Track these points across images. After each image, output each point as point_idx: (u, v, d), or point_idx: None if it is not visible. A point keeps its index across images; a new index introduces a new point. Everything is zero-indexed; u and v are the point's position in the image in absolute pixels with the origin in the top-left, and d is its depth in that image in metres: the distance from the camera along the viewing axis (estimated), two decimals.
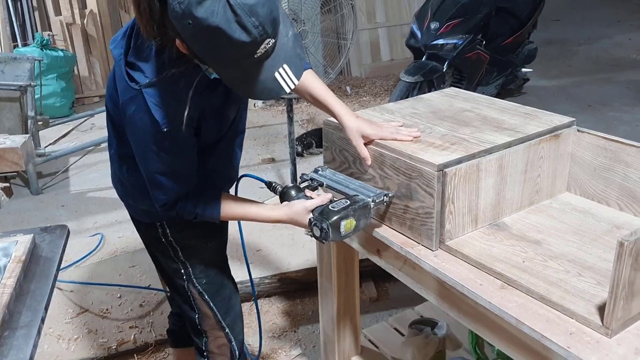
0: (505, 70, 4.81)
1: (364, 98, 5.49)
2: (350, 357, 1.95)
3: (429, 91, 3.87)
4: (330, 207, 1.38)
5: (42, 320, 1.22)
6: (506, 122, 1.56)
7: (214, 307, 1.69)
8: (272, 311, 2.63)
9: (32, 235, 1.51)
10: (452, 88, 1.94)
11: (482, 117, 1.61)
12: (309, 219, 1.41)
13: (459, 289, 1.26)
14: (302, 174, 1.62)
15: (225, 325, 1.72)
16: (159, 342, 2.42)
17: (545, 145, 1.49)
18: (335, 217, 1.35)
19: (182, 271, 1.65)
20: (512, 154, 1.43)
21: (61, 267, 1.50)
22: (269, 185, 1.59)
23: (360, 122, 1.50)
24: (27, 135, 1.78)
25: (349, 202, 1.39)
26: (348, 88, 5.67)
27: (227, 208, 1.48)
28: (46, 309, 1.26)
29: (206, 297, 1.68)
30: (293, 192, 1.50)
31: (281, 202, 1.52)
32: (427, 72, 4.07)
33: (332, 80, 3.61)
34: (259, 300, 2.66)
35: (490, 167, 1.39)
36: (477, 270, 1.29)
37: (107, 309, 2.59)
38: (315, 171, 1.61)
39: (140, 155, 1.41)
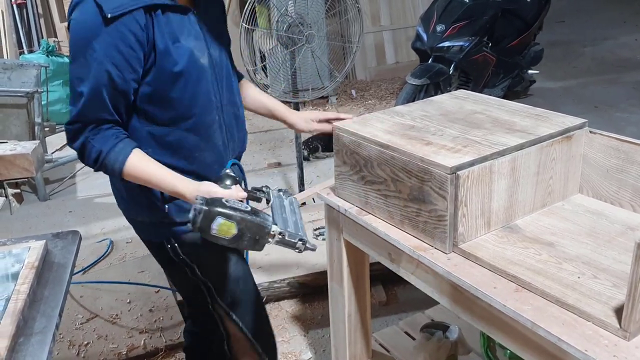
0: (512, 72, 4.80)
1: (370, 101, 5.48)
2: None
3: (436, 94, 3.88)
4: (225, 200, 1.22)
5: (57, 327, 1.22)
6: (517, 124, 1.55)
7: (243, 328, 1.54)
8: (281, 315, 2.62)
9: (45, 241, 1.50)
10: (462, 90, 1.93)
11: (493, 119, 1.60)
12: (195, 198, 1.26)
13: (473, 292, 1.25)
14: (264, 186, 1.51)
15: (258, 347, 1.56)
16: (169, 347, 2.42)
17: (557, 147, 1.48)
18: (215, 209, 1.17)
19: (205, 291, 1.52)
20: (525, 156, 1.42)
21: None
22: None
23: (299, 113, 1.61)
24: (37, 142, 1.78)
25: (249, 208, 1.22)
26: (353, 91, 5.67)
27: (134, 162, 1.33)
28: (60, 315, 1.26)
29: (234, 317, 1.52)
30: (228, 181, 1.35)
31: None
32: (434, 75, 4.06)
33: (339, 83, 3.60)
34: (268, 305, 2.66)
35: (502, 169, 1.38)
36: (491, 273, 1.29)
37: (116, 315, 2.59)
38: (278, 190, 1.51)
39: (71, 61, 1.30)
